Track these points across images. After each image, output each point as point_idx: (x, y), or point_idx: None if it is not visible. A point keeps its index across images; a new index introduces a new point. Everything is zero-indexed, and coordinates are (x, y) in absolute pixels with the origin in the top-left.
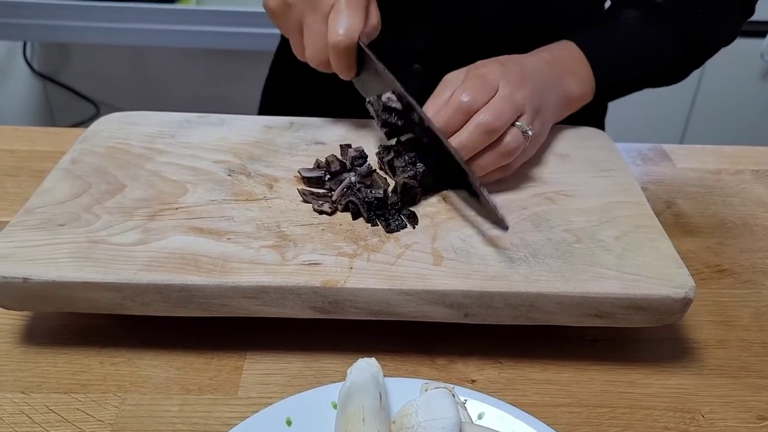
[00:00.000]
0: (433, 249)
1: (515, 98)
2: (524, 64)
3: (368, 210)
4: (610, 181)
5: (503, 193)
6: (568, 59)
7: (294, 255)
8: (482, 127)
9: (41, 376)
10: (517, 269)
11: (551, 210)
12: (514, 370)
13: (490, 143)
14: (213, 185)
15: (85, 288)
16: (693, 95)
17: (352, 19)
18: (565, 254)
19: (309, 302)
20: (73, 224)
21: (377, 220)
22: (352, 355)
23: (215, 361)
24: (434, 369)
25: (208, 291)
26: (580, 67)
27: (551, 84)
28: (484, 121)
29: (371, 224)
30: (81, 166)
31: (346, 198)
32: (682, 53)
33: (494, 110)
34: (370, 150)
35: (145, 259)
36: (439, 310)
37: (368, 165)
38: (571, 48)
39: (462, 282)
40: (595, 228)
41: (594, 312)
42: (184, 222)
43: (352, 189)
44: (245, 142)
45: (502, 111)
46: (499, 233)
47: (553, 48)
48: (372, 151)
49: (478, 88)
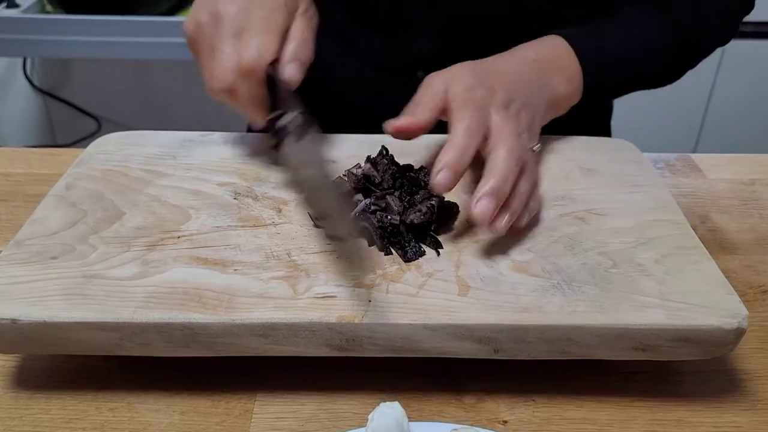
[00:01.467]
0: (458, 277)
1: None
2: (506, 72)
3: (381, 237)
4: (643, 197)
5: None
6: (555, 56)
7: (306, 287)
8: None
9: (33, 424)
10: (551, 299)
11: (583, 231)
12: (548, 408)
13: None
14: (217, 210)
15: (78, 329)
16: (707, 101)
17: (263, 39)
18: (602, 281)
19: (324, 339)
20: (66, 257)
21: (392, 248)
22: (370, 395)
23: (222, 404)
24: (462, 409)
25: (213, 329)
26: (568, 63)
27: (536, 87)
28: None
29: (385, 253)
30: (76, 191)
31: (359, 223)
32: (676, 50)
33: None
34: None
35: (144, 294)
36: (466, 345)
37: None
38: (558, 43)
39: (492, 314)
40: (633, 250)
41: (637, 345)
42: (187, 252)
43: (365, 213)
44: (251, 162)
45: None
46: (529, 258)
47: (538, 45)
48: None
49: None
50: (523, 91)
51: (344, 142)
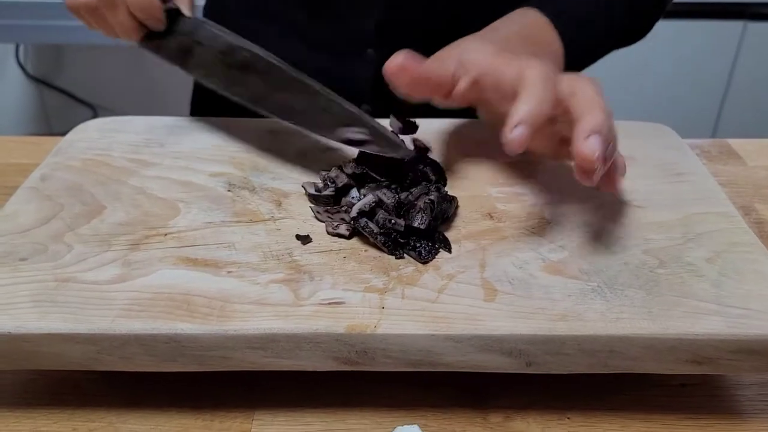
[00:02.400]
0: (484, 280)
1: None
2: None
3: (385, 243)
4: (688, 187)
5: (562, 203)
6: (534, 29)
7: (310, 292)
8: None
9: None
10: (590, 305)
11: (623, 225)
12: (586, 428)
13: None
14: (209, 204)
15: (49, 341)
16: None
17: None
18: (648, 283)
19: (331, 352)
20: (37, 257)
21: (405, 252)
22: (384, 413)
23: (216, 424)
24: (488, 429)
25: (203, 342)
26: (550, 38)
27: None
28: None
29: (396, 257)
30: (52, 183)
31: (360, 224)
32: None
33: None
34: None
35: (125, 301)
36: (494, 359)
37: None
38: (533, 15)
39: (523, 323)
40: (680, 247)
41: (692, 358)
42: (175, 251)
43: (363, 217)
44: (247, 150)
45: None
46: (563, 257)
47: (514, 19)
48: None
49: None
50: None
51: None
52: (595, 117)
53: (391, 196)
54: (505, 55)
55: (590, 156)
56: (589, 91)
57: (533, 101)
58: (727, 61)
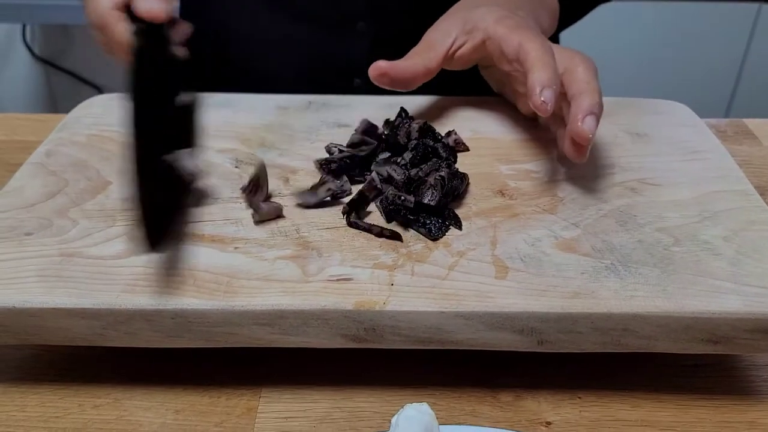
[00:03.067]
0: (495, 257)
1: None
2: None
3: (389, 219)
4: (704, 165)
5: (575, 181)
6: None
7: (318, 268)
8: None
9: (6, 424)
10: (604, 282)
11: (637, 203)
12: (598, 408)
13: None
14: (216, 180)
15: (55, 315)
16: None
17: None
18: (663, 261)
19: (339, 329)
20: (43, 232)
21: (415, 228)
22: (391, 391)
23: (223, 401)
24: (497, 408)
25: (210, 317)
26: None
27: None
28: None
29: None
30: (57, 159)
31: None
32: None
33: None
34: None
35: (130, 276)
36: (505, 337)
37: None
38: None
39: (535, 301)
40: (696, 225)
41: (708, 337)
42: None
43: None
44: (255, 126)
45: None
46: (576, 235)
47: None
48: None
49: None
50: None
51: (363, 103)
52: (592, 98)
53: (401, 172)
54: (508, 22)
55: (587, 135)
56: (585, 71)
57: (549, 68)
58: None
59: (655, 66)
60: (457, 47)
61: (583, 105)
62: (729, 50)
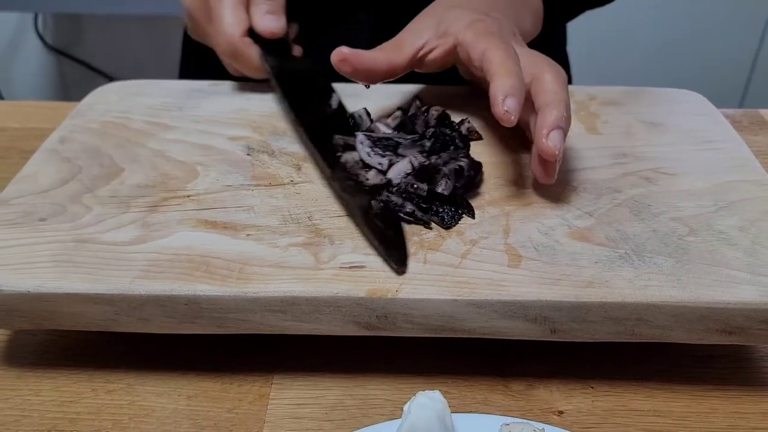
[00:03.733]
0: (508, 245)
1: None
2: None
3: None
4: (719, 155)
5: (588, 170)
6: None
7: (331, 256)
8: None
9: (21, 408)
10: (618, 272)
11: (651, 193)
12: (610, 398)
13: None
14: (228, 167)
15: (68, 301)
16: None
17: (227, 20)
18: (678, 250)
19: (351, 316)
20: (56, 218)
21: (430, 217)
22: (403, 379)
23: (235, 388)
24: (509, 397)
25: (222, 303)
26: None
27: (510, 23)
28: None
29: (423, 225)
30: (71, 145)
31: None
32: None
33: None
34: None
35: (143, 262)
36: (518, 325)
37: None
38: None
39: (549, 290)
40: (712, 215)
41: (722, 327)
42: (194, 214)
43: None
44: (267, 114)
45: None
46: (590, 224)
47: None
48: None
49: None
50: (511, 25)
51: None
52: (558, 110)
53: (422, 159)
54: (478, 27)
55: (552, 151)
56: (552, 81)
57: (512, 75)
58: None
59: (670, 55)
60: (427, 51)
61: (548, 119)
62: (744, 39)
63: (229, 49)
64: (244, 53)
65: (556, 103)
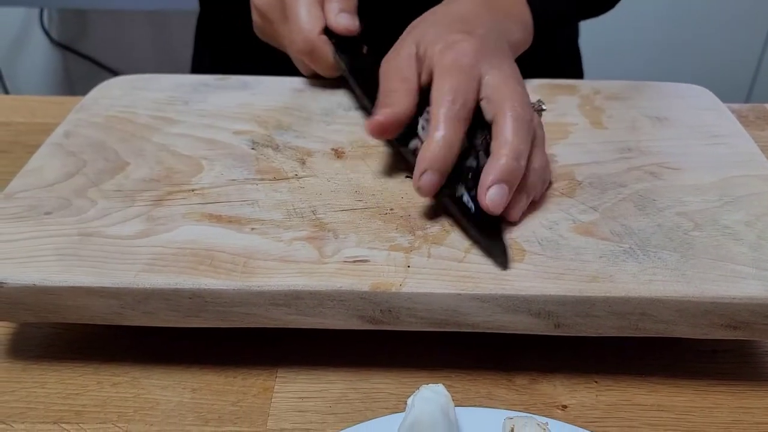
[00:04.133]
0: (511, 240)
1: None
2: (468, 18)
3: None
4: (726, 149)
5: (593, 165)
6: (502, 1)
7: (335, 250)
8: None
9: (26, 400)
10: (622, 266)
11: (656, 187)
12: (614, 392)
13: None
14: (233, 161)
15: (73, 294)
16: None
17: (304, 18)
18: (683, 245)
19: (355, 310)
20: (61, 212)
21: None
22: (407, 372)
23: (239, 381)
24: (513, 391)
25: (227, 297)
26: (519, 7)
27: (498, 36)
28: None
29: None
30: (76, 139)
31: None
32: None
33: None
34: None
35: (148, 256)
36: (522, 320)
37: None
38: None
39: (552, 284)
40: (717, 210)
41: (727, 322)
42: (198, 208)
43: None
44: (272, 109)
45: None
46: (594, 218)
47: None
48: None
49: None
50: (497, 39)
51: None
52: (505, 163)
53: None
54: (448, 57)
55: (491, 210)
56: (509, 121)
57: (439, 146)
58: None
59: (676, 49)
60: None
61: (490, 173)
62: (751, 34)
63: (307, 47)
64: (322, 51)
65: (505, 154)
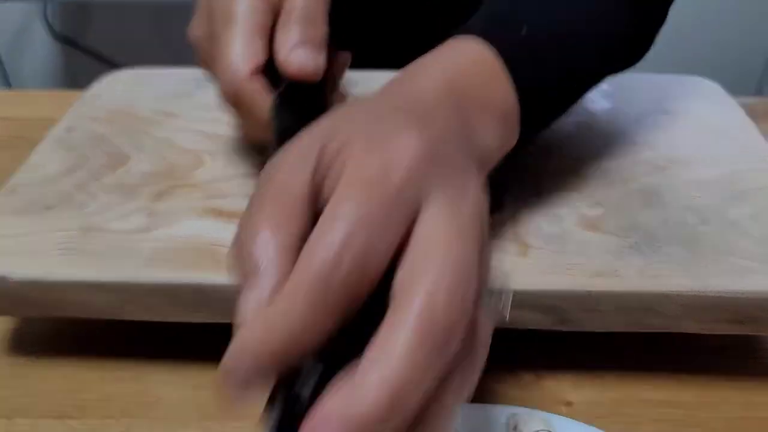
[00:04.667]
0: (516, 234)
1: (460, 235)
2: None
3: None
4: (733, 143)
5: (599, 159)
6: (474, 81)
7: None
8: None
9: (29, 395)
10: (628, 261)
11: (663, 182)
12: (620, 388)
13: None
14: (236, 156)
15: (75, 289)
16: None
17: (235, 50)
18: (689, 240)
19: None
20: (63, 206)
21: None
22: None
23: None
24: (518, 388)
25: (229, 292)
26: (497, 91)
27: (461, 139)
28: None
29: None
30: (77, 134)
31: None
32: (631, 22)
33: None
34: None
35: (150, 250)
36: (527, 315)
37: None
38: (475, 53)
39: (558, 279)
40: (724, 204)
41: (733, 317)
42: (200, 202)
43: None
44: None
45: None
46: (600, 213)
47: (445, 60)
48: None
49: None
50: (458, 144)
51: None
52: (387, 370)
53: None
54: (352, 176)
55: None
56: (407, 334)
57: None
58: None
59: (685, 43)
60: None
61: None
62: (761, 27)
63: (231, 92)
64: (249, 101)
65: (383, 365)
